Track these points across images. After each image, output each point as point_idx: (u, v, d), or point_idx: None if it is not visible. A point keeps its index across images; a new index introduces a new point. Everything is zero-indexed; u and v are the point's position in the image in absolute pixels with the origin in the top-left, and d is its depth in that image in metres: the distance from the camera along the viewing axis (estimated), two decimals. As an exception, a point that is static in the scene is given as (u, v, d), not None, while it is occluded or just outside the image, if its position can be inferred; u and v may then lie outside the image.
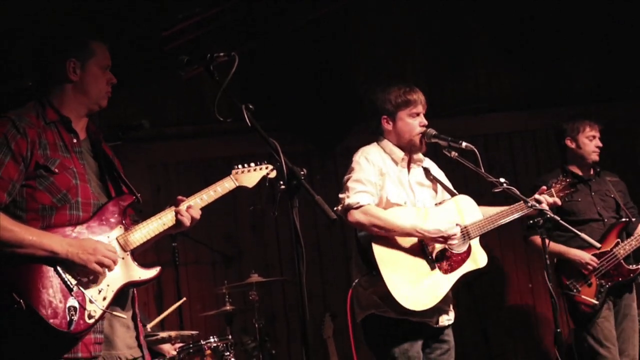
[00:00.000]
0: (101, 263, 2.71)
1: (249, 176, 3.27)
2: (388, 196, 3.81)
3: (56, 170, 2.76)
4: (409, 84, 3.97)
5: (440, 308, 3.79)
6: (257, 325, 5.47)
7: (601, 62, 6.81)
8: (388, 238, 3.73)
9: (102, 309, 2.72)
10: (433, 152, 4.08)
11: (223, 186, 3.17)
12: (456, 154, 3.89)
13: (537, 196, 3.96)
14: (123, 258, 2.83)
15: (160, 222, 2.97)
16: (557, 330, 3.70)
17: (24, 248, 2.62)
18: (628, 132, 6.73)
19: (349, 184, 3.80)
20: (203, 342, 4.93)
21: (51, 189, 2.74)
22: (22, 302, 2.55)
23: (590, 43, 6.80)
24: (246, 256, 6.40)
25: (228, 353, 4.97)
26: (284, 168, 2.58)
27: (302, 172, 2.62)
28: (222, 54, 2.70)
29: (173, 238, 5.85)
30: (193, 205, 3.03)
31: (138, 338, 2.93)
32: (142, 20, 5.57)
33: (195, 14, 5.73)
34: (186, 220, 2.99)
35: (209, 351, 4.93)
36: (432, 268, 3.75)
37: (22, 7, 5.07)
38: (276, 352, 5.72)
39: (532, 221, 3.82)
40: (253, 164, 3.31)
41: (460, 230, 3.82)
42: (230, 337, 5.12)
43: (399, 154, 3.91)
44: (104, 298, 2.74)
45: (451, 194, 4.00)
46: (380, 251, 3.69)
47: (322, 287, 6.37)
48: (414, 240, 3.76)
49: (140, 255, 2.94)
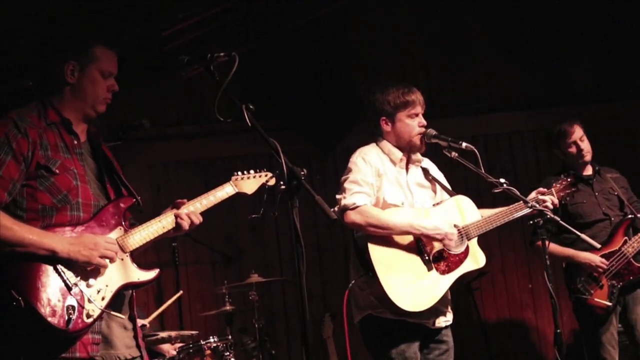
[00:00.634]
0: (104, 256, 2.72)
1: (249, 183, 3.27)
2: (385, 197, 3.80)
3: (57, 171, 2.76)
4: (408, 85, 3.96)
5: (437, 309, 3.77)
6: (257, 325, 5.47)
7: (601, 62, 6.81)
8: (385, 239, 3.72)
9: (101, 309, 2.72)
10: (433, 153, 4.08)
11: (223, 192, 3.17)
12: (456, 155, 3.89)
13: (541, 196, 3.94)
14: (122, 259, 2.83)
15: (160, 225, 2.97)
16: (557, 330, 3.70)
17: (24, 247, 2.62)
18: (628, 132, 6.73)
19: (346, 185, 3.80)
20: (203, 342, 4.93)
21: (52, 190, 2.75)
22: (21, 300, 2.55)
23: (590, 43, 6.81)
24: (246, 256, 6.41)
25: (228, 353, 4.97)
26: (284, 168, 2.58)
27: (303, 172, 2.62)
28: (223, 54, 2.69)
29: (173, 238, 5.84)
30: (193, 209, 3.04)
31: (136, 338, 2.93)
32: (142, 20, 5.57)
33: (195, 14, 5.73)
34: (185, 224, 3.00)
35: (209, 351, 4.93)
36: (429, 269, 3.73)
37: (22, 7, 5.07)
38: (276, 352, 5.73)
39: (533, 222, 3.81)
40: (252, 171, 3.30)
41: (457, 230, 3.82)
42: (230, 337, 5.12)
43: (398, 155, 3.91)
44: (103, 298, 2.74)
45: (450, 195, 3.99)
46: (376, 252, 3.69)
47: (322, 287, 6.37)
48: (411, 240, 3.75)
49: (139, 255, 2.94)
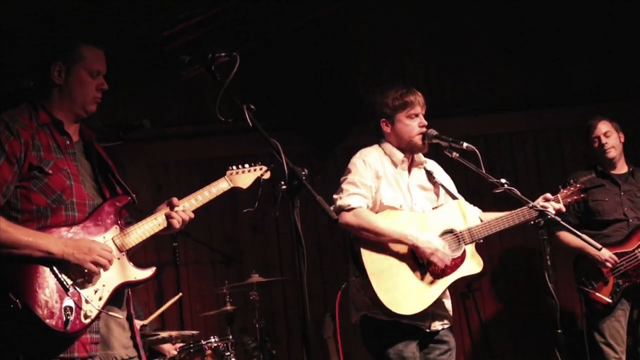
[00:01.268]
0: (97, 262, 2.72)
1: (243, 177, 3.27)
2: (382, 199, 3.80)
3: (50, 171, 2.76)
4: (407, 86, 3.96)
5: (434, 313, 3.77)
6: (258, 325, 5.47)
7: (601, 62, 6.81)
8: (378, 241, 3.72)
9: (98, 309, 2.72)
10: (434, 153, 4.08)
11: (217, 187, 3.16)
12: (457, 155, 3.88)
13: (544, 202, 3.89)
14: (119, 258, 2.84)
15: (155, 223, 2.97)
16: (558, 331, 3.70)
17: (20, 249, 2.62)
18: (628, 132, 6.73)
19: (343, 186, 3.81)
20: (203, 342, 4.93)
21: (45, 190, 2.75)
22: (19, 303, 2.56)
23: (590, 43, 6.80)
24: (247, 256, 6.41)
25: (228, 353, 4.98)
26: (285, 168, 2.58)
27: (303, 172, 2.62)
28: (224, 54, 2.69)
29: (174, 238, 5.86)
30: (185, 207, 3.02)
31: (134, 338, 2.94)
32: (142, 20, 5.57)
33: (195, 14, 5.73)
34: (176, 222, 2.98)
35: (210, 351, 4.93)
36: (423, 272, 3.71)
37: (22, 7, 5.06)
38: (276, 352, 5.72)
39: (533, 222, 3.79)
40: (247, 165, 3.30)
41: (454, 234, 3.79)
42: (230, 337, 5.12)
43: (399, 156, 3.90)
44: (100, 298, 2.75)
45: (453, 198, 3.97)
46: (369, 254, 3.69)
47: (323, 287, 6.37)
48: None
49: (137, 254, 2.94)
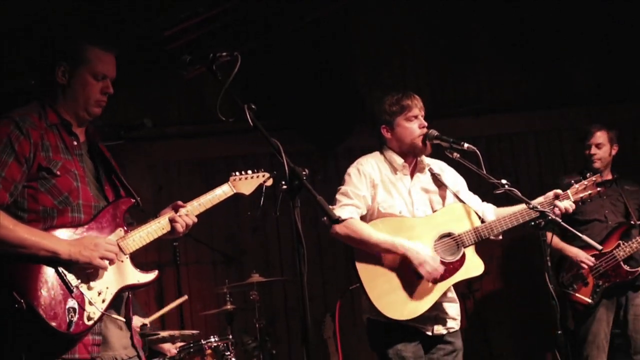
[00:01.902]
0: (104, 257, 2.73)
1: (246, 183, 3.29)
2: (379, 206, 3.82)
3: (58, 172, 2.77)
4: (403, 91, 3.98)
5: (436, 316, 3.77)
6: (258, 325, 5.47)
7: (601, 63, 6.82)
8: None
9: (101, 311, 2.74)
10: (435, 153, 4.08)
11: (220, 192, 3.18)
12: (458, 155, 3.88)
13: (552, 200, 3.84)
14: (122, 261, 2.85)
15: (159, 226, 2.98)
16: (558, 332, 3.70)
17: (26, 248, 2.63)
18: (629, 133, 6.73)
19: (337, 196, 3.85)
20: (204, 342, 4.93)
21: (53, 191, 2.75)
22: (23, 303, 2.56)
23: (590, 43, 6.81)
24: (247, 256, 6.41)
25: (228, 353, 4.97)
26: (286, 168, 2.58)
27: (304, 172, 2.62)
28: (225, 54, 2.69)
29: (174, 238, 5.85)
30: (188, 211, 3.04)
31: (132, 338, 2.95)
32: (143, 20, 5.57)
33: (196, 14, 5.74)
34: (179, 227, 3.00)
35: (210, 351, 4.93)
36: (419, 277, 3.70)
37: (23, 7, 5.07)
38: (277, 352, 5.72)
39: (534, 223, 3.79)
40: (250, 172, 3.32)
41: (452, 238, 3.79)
42: (230, 337, 5.11)
43: (399, 162, 3.91)
44: (103, 300, 2.76)
45: (460, 200, 3.95)
46: (363, 260, 3.72)
47: (323, 287, 6.38)
48: None
49: (138, 254, 2.95)
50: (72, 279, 2.69)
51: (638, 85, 6.60)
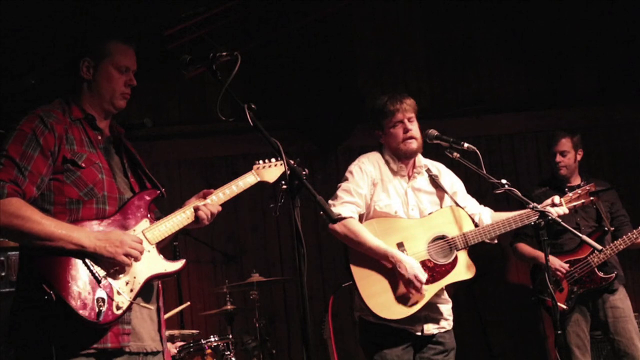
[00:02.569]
0: (128, 254, 2.76)
1: (270, 171, 3.28)
2: (376, 205, 3.84)
3: (83, 164, 2.81)
4: (395, 94, 3.96)
5: (426, 317, 3.79)
6: (258, 324, 5.48)
7: (602, 63, 6.82)
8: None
9: (130, 300, 2.76)
10: (435, 153, 4.08)
11: (245, 181, 3.19)
12: (458, 155, 3.89)
13: (549, 207, 3.87)
14: (149, 251, 2.87)
15: (184, 216, 3.01)
16: (558, 331, 3.70)
17: (54, 241, 2.65)
18: (629, 133, 6.74)
19: (338, 192, 3.86)
20: (204, 341, 4.93)
21: (78, 183, 2.79)
22: (53, 294, 2.60)
23: (590, 43, 6.81)
24: (247, 256, 6.41)
25: (228, 352, 4.98)
26: (286, 168, 2.59)
27: (304, 172, 2.63)
28: (226, 54, 2.70)
29: (174, 237, 5.84)
30: (213, 201, 3.07)
31: (160, 331, 2.98)
32: (144, 19, 5.57)
33: (197, 14, 5.74)
34: (203, 214, 3.02)
35: (210, 350, 4.93)
36: None
37: (22, 8, 5.07)
38: (276, 352, 5.73)
39: (534, 223, 3.79)
40: (274, 159, 3.30)
41: (446, 241, 3.80)
42: (230, 337, 5.12)
43: (395, 163, 3.94)
44: (131, 290, 2.78)
45: (456, 203, 3.95)
46: (356, 259, 3.74)
47: (323, 287, 6.38)
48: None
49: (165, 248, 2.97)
50: (100, 270, 2.72)
51: (638, 85, 6.60)
